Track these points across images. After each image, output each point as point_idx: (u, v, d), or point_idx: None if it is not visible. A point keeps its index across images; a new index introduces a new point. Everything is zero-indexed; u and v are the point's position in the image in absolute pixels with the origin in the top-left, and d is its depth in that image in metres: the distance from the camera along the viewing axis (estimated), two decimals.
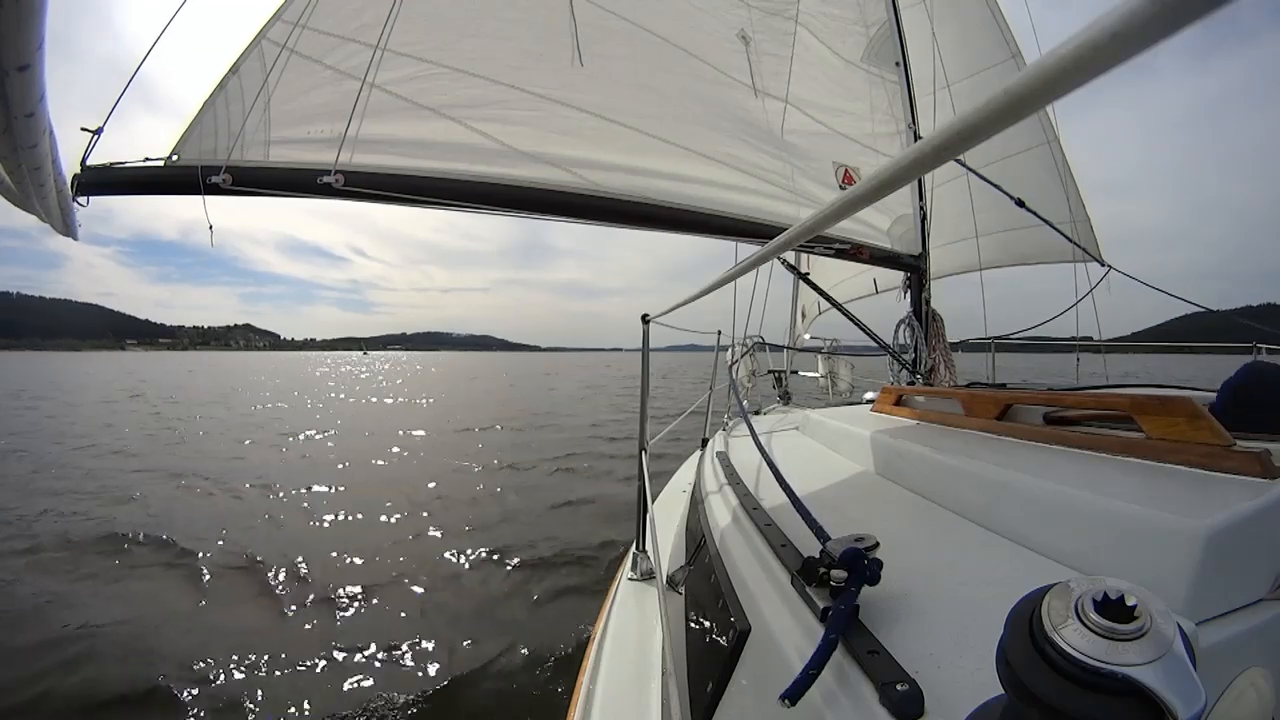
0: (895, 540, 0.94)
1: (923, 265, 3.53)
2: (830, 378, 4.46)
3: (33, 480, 7.16)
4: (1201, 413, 0.96)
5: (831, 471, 1.58)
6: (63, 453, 9.14)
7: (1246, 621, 0.69)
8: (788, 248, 0.81)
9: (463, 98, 2.22)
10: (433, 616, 3.57)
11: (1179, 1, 0.24)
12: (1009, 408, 1.44)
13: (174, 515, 5.62)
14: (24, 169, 0.71)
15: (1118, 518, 0.79)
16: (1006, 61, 4.88)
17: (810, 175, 3.07)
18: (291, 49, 2.04)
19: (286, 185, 1.97)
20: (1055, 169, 4.84)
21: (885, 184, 0.48)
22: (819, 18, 3.29)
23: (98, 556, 4.54)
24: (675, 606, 1.30)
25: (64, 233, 1.44)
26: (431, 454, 9.19)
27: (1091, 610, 0.34)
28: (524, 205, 2.23)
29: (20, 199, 0.89)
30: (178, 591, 3.92)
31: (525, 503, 6.16)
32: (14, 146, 0.62)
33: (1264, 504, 0.75)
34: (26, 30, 0.46)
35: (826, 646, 0.64)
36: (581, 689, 1.38)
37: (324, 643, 3.19)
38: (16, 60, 0.48)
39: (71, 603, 3.70)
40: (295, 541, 4.87)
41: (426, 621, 3.50)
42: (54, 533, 5.05)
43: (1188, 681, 0.31)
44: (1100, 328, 4.86)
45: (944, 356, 3.68)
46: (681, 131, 2.61)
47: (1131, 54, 0.27)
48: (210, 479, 7.19)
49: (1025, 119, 0.35)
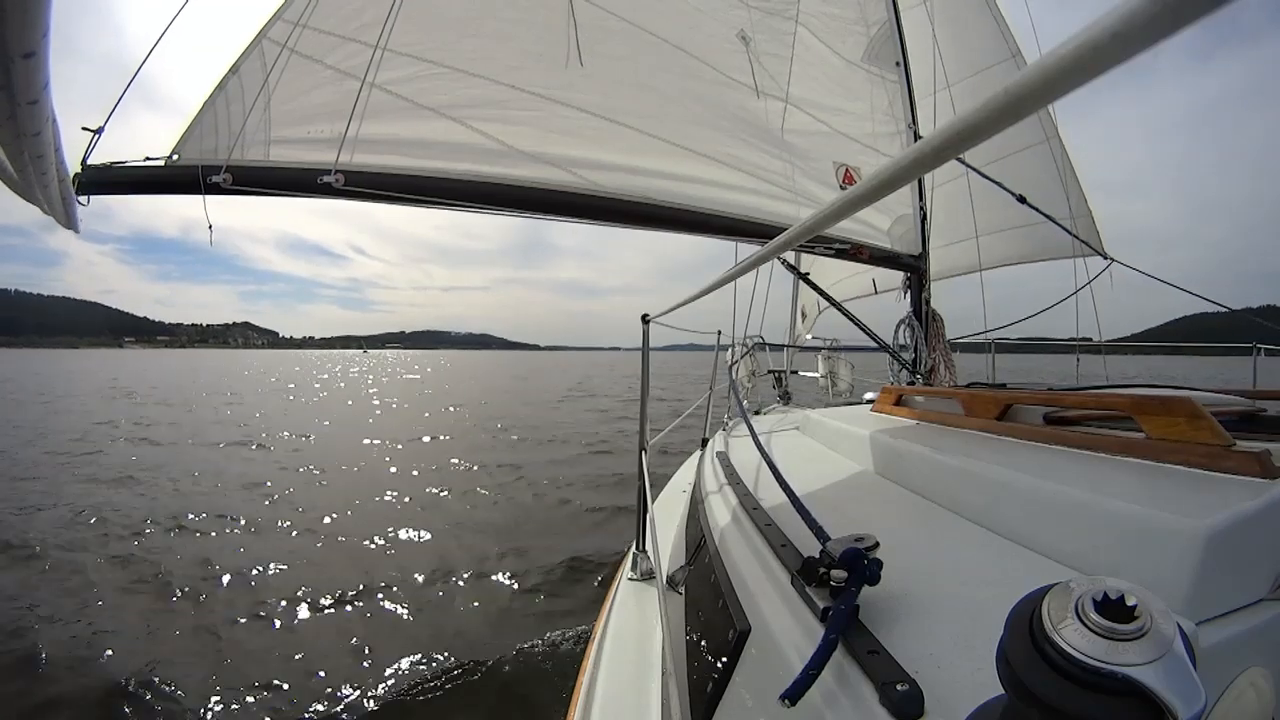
0: (895, 540, 0.94)
1: (923, 265, 3.54)
2: (830, 378, 4.46)
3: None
4: (1201, 413, 0.96)
5: (831, 471, 1.58)
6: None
7: (1246, 621, 0.69)
8: (788, 248, 0.81)
9: (463, 98, 2.22)
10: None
11: (1179, 1, 0.24)
12: (1009, 408, 1.43)
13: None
14: (26, 156, 0.71)
15: (1118, 518, 0.79)
16: (1006, 61, 4.88)
17: (810, 175, 3.07)
18: (292, 49, 2.04)
19: (287, 185, 1.97)
20: (1055, 166, 4.84)
21: (885, 184, 0.48)
22: (819, 17, 3.29)
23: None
24: (675, 606, 1.30)
25: (66, 225, 1.44)
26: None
27: (1091, 610, 0.34)
28: (524, 205, 2.23)
29: (23, 188, 0.89)
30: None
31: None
32: (17, 133, 0.62)
33: (1264, 504, 0.75)
34: (32, 16, 0.46)
35: (826, 646, 0.64)
36: (581, 689, 1.38)
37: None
38: (21, 47, 0.48)
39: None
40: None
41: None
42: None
43: (1188, 681, 0.31)
44: (1100, 327, 4.86)
45: (944, 356, 3.68)
46: (682, 131, 2.61)
47: (1131, 54, 0.27)
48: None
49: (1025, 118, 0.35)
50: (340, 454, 9.12)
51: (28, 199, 0.99)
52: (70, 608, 3.68)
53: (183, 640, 3.31)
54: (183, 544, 4.91)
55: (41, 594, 3.88)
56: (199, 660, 3.08)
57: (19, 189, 0.90)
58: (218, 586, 4.05)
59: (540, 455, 9.13)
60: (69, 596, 3.85)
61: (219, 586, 4.05)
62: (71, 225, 1.47)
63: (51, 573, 4.26)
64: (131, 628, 3.43)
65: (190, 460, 8.48)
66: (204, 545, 4.89)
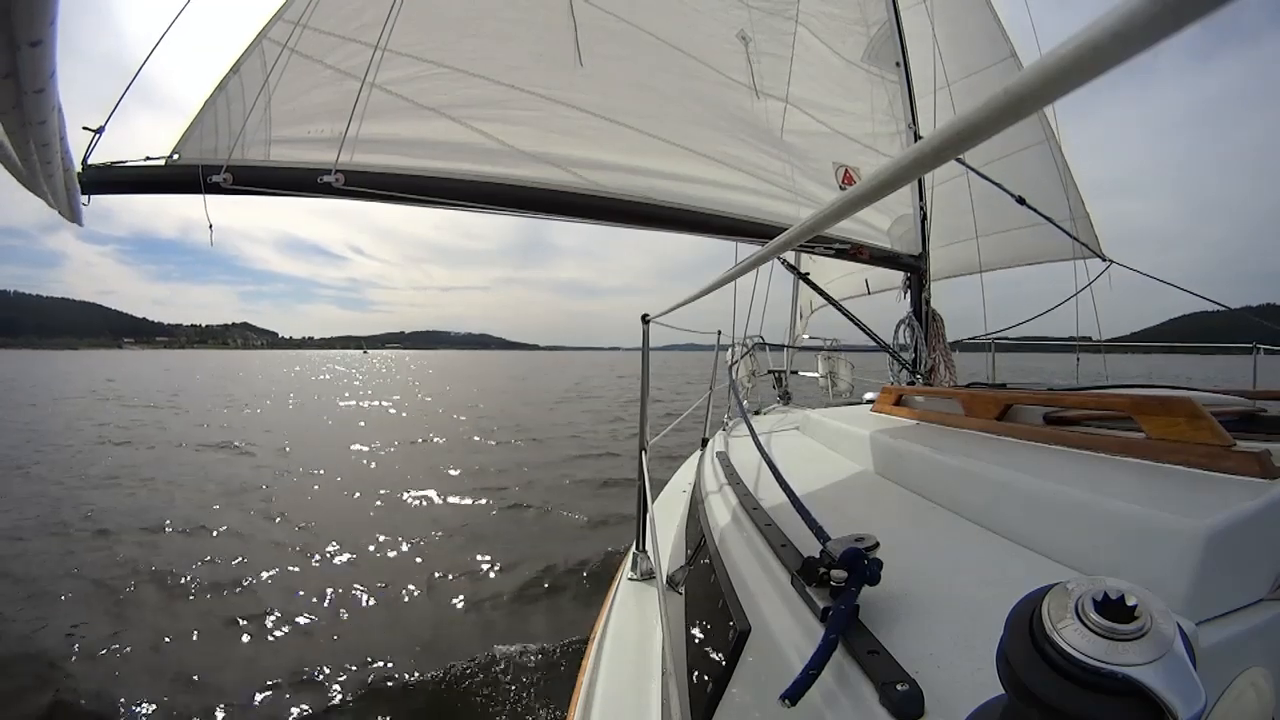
0: (895, 540, 0.94)
1: (923, 265, 3.54)
2: (830, 378, 4.46)
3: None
4: (1201, 413, 0.96)
5: (832, 471, 1.57)
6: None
7: (1246, 621, 0.69)
8: (788, 248, 0.81)
9: (463, 98, 2.22)
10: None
11: (1179, 1, 0.24)
12: (1009, 408, 1.43)
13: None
14: (32, 145, 0.71)
15: (1118, 518, 0.79)
16: (1006, 61, 4.88)
17: (810, 175, 3.07)
18: (292, 49, 2.04)
19: (287, 185, 1.97)
20: (1055, 167, 4.84)
21: (885, 184, 0.48)
22: (819, 17, 3.29)
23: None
24: (675, 606, 1.30)
25: (69, 217, 1.44)
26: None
27: (1091, 610, 0.34)
28: (525, 205, 2.23)
29: (28, 178, 0.89)
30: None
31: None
32: (24, 122, 0.62)
33: (1264, 504, 0.75)
34: (40, 4, 0.46)
35: (826, 646, 0.64)
36: (581, 689, 1.38)
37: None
38: (29, 35, 0.48)
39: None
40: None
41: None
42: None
43: (1188, 681, 0.31)
44: (1100, 327, 4.86)
45: (944, 356, 3.68)
46: (682, 131, 2.61)
47: (1131, 54, 0.27)
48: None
49: (1025, 118, 0.35)
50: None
51: (32, 189, 0.99)
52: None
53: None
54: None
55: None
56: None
57: (24, 179, 0.90)
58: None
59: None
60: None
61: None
62: (75, 218, 1.47)
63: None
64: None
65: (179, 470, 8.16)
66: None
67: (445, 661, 3.05)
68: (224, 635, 3.44)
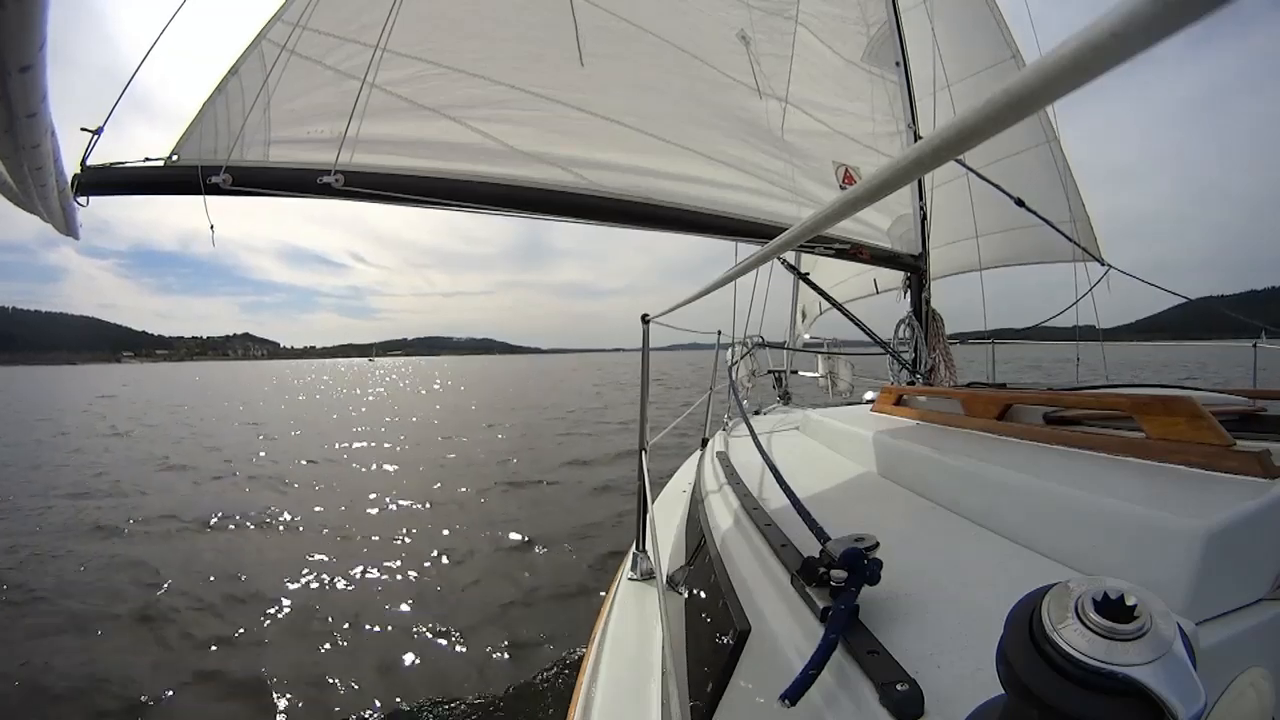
0: (895, 540, 0.94)
1: (923, 265, 3.53)
2: (830, 378, 4.46)
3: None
4: (1202, 413, 0.96)
5: (832, 472, 1.58)
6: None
7: (1246, 621, 0.69)
8: (788, 248, 0.81)
9: (463, 98, 2.22)
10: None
11: (1179, 1, 0.24)
12: (1009, 408, 1.43)
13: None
14: (26, 169, 0.71)
15: (1118, 518, 0.79)
16: (1006, 61, 4.88)
17: (810, 175, 3.06)
18: (291, 50, 2.04)
19: (286, 185, 1.97)
20: (1055, 168, 4.85)
21: (885, 184, 0.48)
22: (819, 17, 3.29)
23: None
24: (675, 606, 1.30)
25: (66, 232, 1.44)
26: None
27: (1091, 610, 0.34)
28: (525, 205, 2.23)
29: (22, 199, 0.89)
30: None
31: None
32: (16, 146, 0.62)
33: (1264, 504, 0.75)
34: (28, 31, 0.46)
35: (826, 646, 0.64)
36: (581, 689, 1.38)
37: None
38: (18, 61, 0.48)
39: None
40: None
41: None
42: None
43: (1188, 681, 0.31)
44: (1099, 323, 4.86)
45: (944, 356, 3.68)
46: (682, 131, 2.61)
47: (1131, 54, 0.27)
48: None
49: (1025, 119, 0.35)
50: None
51: (27, 209, 0.99)
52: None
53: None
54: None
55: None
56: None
57: (18, 200, 0.90)
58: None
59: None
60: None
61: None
62: (72, 232, 1.48)
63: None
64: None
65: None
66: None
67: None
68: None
